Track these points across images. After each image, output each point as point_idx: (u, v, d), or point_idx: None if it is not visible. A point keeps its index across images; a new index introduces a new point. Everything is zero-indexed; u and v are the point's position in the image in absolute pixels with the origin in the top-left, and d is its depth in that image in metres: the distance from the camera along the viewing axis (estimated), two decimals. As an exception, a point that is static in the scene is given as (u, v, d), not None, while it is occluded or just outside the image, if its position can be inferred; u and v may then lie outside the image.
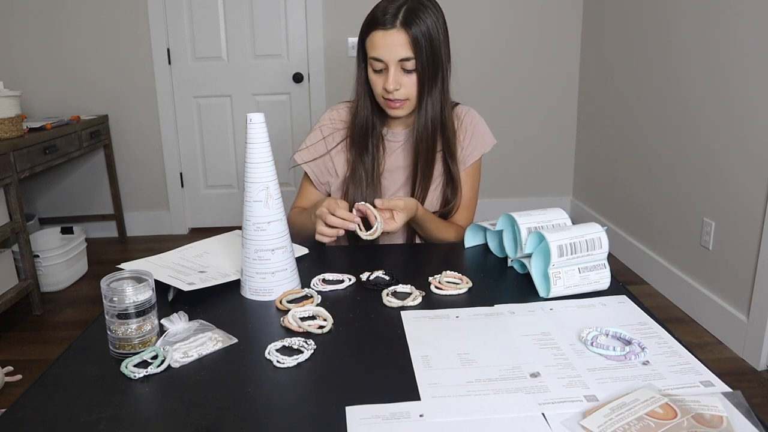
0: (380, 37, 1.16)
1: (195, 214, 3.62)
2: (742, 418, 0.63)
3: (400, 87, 1.19)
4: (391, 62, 1.17)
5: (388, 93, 1.20)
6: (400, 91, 1.19)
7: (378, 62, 1.18)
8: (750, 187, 2.03)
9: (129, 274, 0.83)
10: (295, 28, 3.34)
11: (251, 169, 0.95)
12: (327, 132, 1.35)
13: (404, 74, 1.19)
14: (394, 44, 1.15)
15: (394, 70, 1.17)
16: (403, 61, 1.17)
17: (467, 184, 1.35)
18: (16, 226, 2.40)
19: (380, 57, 1.17)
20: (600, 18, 3.17)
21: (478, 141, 1.36)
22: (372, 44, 1.18)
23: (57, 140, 2.72)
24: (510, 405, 0.67)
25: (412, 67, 1.18)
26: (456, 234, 1.31)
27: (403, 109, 1.23)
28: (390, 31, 1.15)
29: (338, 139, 1.34)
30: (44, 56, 3.29)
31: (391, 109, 1.23)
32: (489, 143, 1.38)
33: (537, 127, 3.53)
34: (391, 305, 0.93)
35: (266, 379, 0.74)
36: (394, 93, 1.19)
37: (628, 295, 0.96)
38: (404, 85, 1.19)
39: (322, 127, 1.36)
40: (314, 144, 1.35)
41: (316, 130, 1.37)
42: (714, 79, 2.21)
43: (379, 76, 1.20)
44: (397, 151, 1.34)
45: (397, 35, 1.15)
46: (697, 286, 2.35)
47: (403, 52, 1.16)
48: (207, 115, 3.46)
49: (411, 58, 1.16)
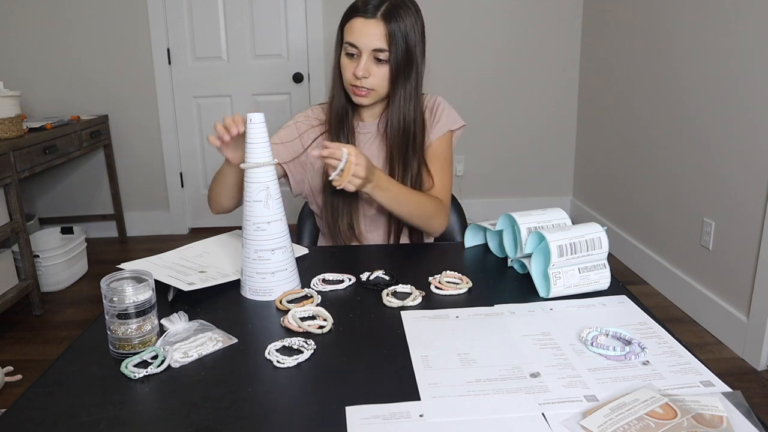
0: (359, 24, 1.20)
1: (195, 214, 3.62)
2: (742, 418, 0.63)
3: (369, 76, 1.22)
4: (364, 50, 1.20)
5: (356, 79, 1.22)
6: (369, 79, 1.22)
7: (352, 47, 1.21)
8: (750, 187, 2.03)
9: (129, 274, 0.83)
10: (295, 28, 3.34)
11: (251, 170, 0.95)
12: (303, 128, 1.36)
13: (375, 64, 1.22)
14: (370, 33, 1.19)
15: (366, 58, 1.21)
16: (377, 51, 1.20)
17: (437, 156, 1.33)
18: (16, 226, 2.40)
19: (355, 43, 1.21)
20: (600, 18, 3.17)
21: (444, 119, 1.35)
22: (350, 30, 1.22)
23: (57, 140, 2.72)
24: (510, 405, 0.67)
25: (384, 58, 1.21)
26: (432, 204, 1.27)
27: (368, 98, 1.25)
28: (370, 20, 1.19)
29: (313, 136, 1.35)
30: (44, 56, 3.29)
31: (356, 96, 1.25)
32: (455, 122, 1.36)
33: (537, 127, 3.52)
34: (391, 305, 0.93)
35: (266, 379, 0.74)
36: (362, 81, 1.22)
37: (628, 295, 0.96)
38: (373, 75, 1.22)
39: (298, 124, 1.37)
40: (291, 141, 1.35)
41: (290, 126, 1.37)
42: (714, 78, 2.21)
43: (351, 62, 1.23)
44: (368, 143, 1.35)
45: (375, 25, 1.19)
46: (697, 286, 2.35)
47: (378, 42, 1.19)
48: (207, 115, 3.46)
49: (384, 50, 1.20)
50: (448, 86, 3.38)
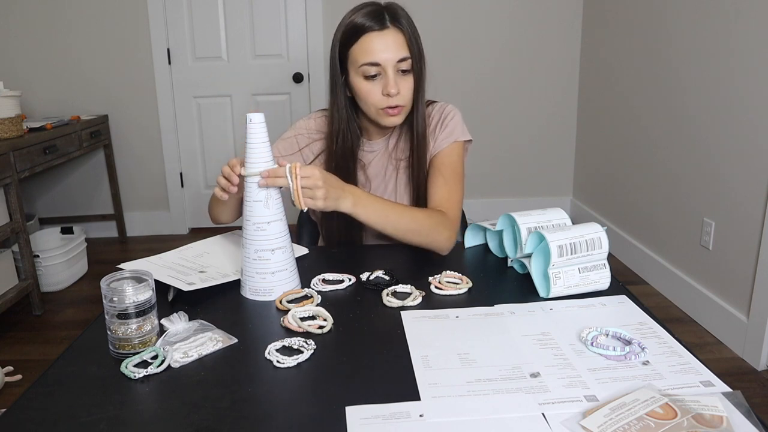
0: (375, 39, 1.09)
1: (195, 214, 3.62)
2: (742, 418, 0.63)
3: (398, 91, 1.12)
4: (389, 65, 1.10)
5: (388, 99, 1.12)
6: (401, 95, 1.13)
7: (373, 66, 1.11)
8: (750, 187, 2.03)
9: (129, 274, 0.83)
10: (295, 28, 3.34)
11: (251, 169, 0.95)
12: (303, 143, 1.28)
13: (401, 77, 1.13)
14: (389, 44, 1.09)
15: (392, 72, 1.11)
16: (401, 62, 1.11)
17: (445, 167, 1.23)
18: (16, 226, 2.40)
19: (376, 60, 1.10)
20: (600, 18, 3.17)
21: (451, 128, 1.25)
22: (364, 50, 1.10)
23: (57, 140, 2.72)
24: (510, 405, 0.67)
25: (407, 67, 1.12)
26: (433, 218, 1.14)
27: (401, 115, 1.16)
28: (384, 31, 1.09)
29: (316, 151, 1.28)
30: (44, 56, 3.29)
31: (389, 117, 1.15)
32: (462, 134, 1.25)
33: (537, 127, 3.53)
34: (391, 305, 0.93)
35: (266, 379, 0.74)
36: (396, 98, 1.12)
37: (628, 295, 0.96)
38: (402, 89, 1.13)
39: (298, 137, 1.29)
40: (291, 155, 1.28)
41: (290, 138, 1.29)
42: (714, 78, 2.21)
43: (374, 84, 1.12)
44: (373, 161, 1.29)
45: (393, 35, 1.10)
46: (697, 286, 2.35)
47: (402, 51, 1.10)
48: (207, 115, 3.46)
49: (407, 58, 1.11)
50: (448, 86, 3.38)
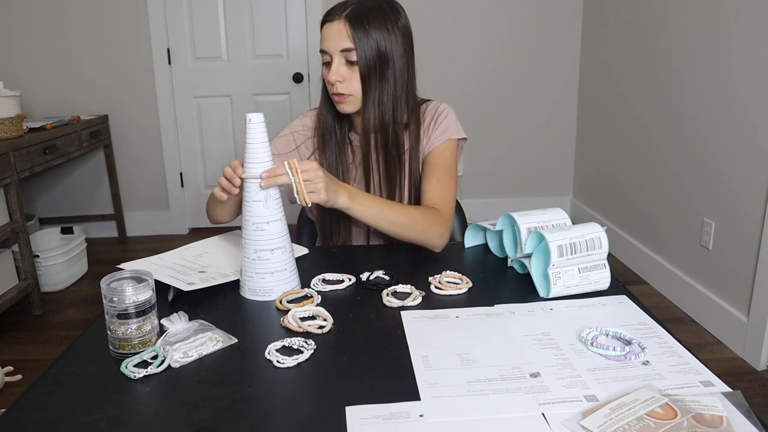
0: (326, 29, 1.19)
1: (195, 214, 3.62)
2: (742, 418, 0.63)
3: (342, 80, 1.19)
4: (334, 53, 1.18)
5: (332, 86, 1.20)
6: (344, 84, 1.19)
7: (324, 54, 1.20)
8: (750, 187, 2.03)
9: (129, 274, 0.83)
10: (295, 28, 3.34)
11: (250, 170, 0.95)
12: (300, 140, 1.34)
13: (348, 67, 1.19)
14: (334, 35, 1.17)
15: (336, 61, 1.18)
16: (345, 53, 1.17)
17: (437, 165, 1.26)
18: (16, 226, 2.40)
19: (324, 48, 1.19)
20: (600, 18, 3.17)
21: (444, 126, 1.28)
22: (321, 38, 1.20)
23: (57, 140, 2.72)
24: (510, 405, 0.67)
25: (353, 59, 1.17)
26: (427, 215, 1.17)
27: (347, 104, 1.22)
28: (333, 22, 1.18)
29: (311, 148, 1.33)
30: (44, 56, 3.29)
31: (337, 104, 1.23)
32: (456, 131, 1.28)
33: (537, 127, 3.53)
34: (391, 305, 0.93)
35: (266, 379, 0.74)
36: (337, 86, 1.19)
37: (628, 295, 0.96)
38: (348, 79, 1.19)
39: (295, 134, 1.34)
40: (287, 153, 1.32)
41: (287, 136, 1.34)
42: (714, 78, 2.21)
43: (327, 70, 1.21)
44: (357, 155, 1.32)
45: (338, 26, 1.17)
46: (697, 286, 2.35)
47: (344, 42, 1.17)
48: (207, 115, 3.46)
49: (352, 49, 1.17)
50: (448, 86, 3.38)
